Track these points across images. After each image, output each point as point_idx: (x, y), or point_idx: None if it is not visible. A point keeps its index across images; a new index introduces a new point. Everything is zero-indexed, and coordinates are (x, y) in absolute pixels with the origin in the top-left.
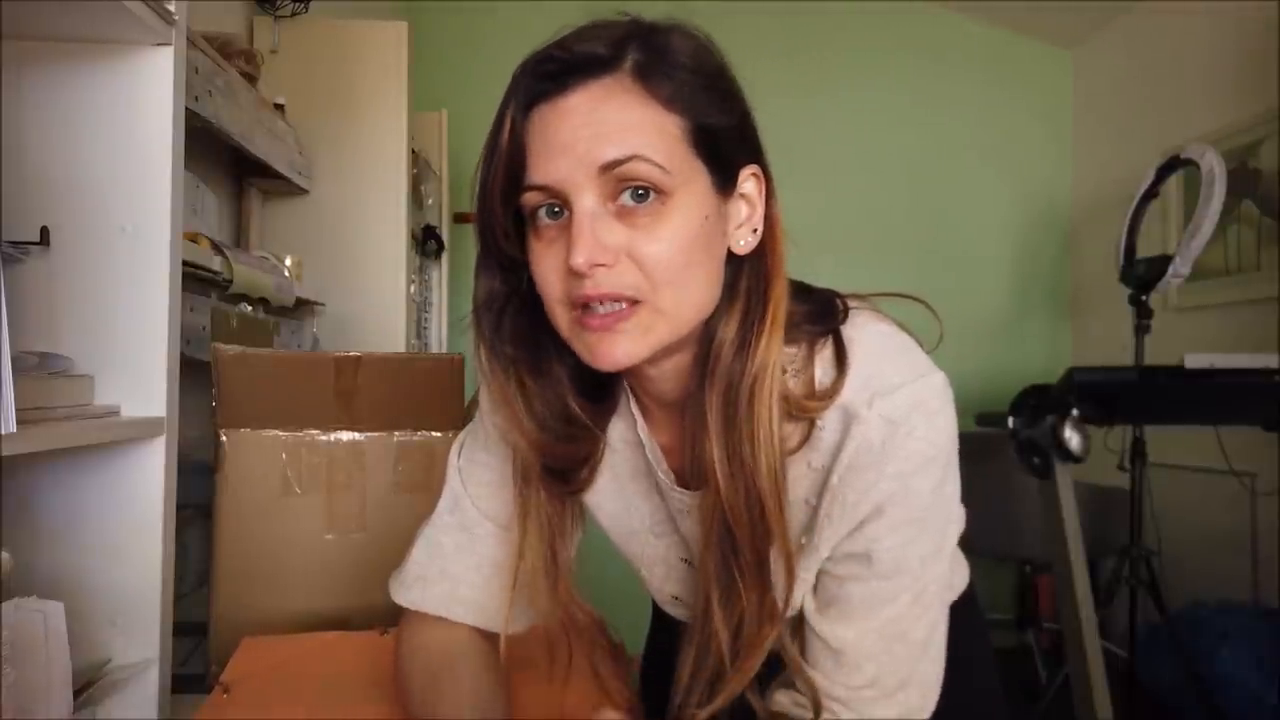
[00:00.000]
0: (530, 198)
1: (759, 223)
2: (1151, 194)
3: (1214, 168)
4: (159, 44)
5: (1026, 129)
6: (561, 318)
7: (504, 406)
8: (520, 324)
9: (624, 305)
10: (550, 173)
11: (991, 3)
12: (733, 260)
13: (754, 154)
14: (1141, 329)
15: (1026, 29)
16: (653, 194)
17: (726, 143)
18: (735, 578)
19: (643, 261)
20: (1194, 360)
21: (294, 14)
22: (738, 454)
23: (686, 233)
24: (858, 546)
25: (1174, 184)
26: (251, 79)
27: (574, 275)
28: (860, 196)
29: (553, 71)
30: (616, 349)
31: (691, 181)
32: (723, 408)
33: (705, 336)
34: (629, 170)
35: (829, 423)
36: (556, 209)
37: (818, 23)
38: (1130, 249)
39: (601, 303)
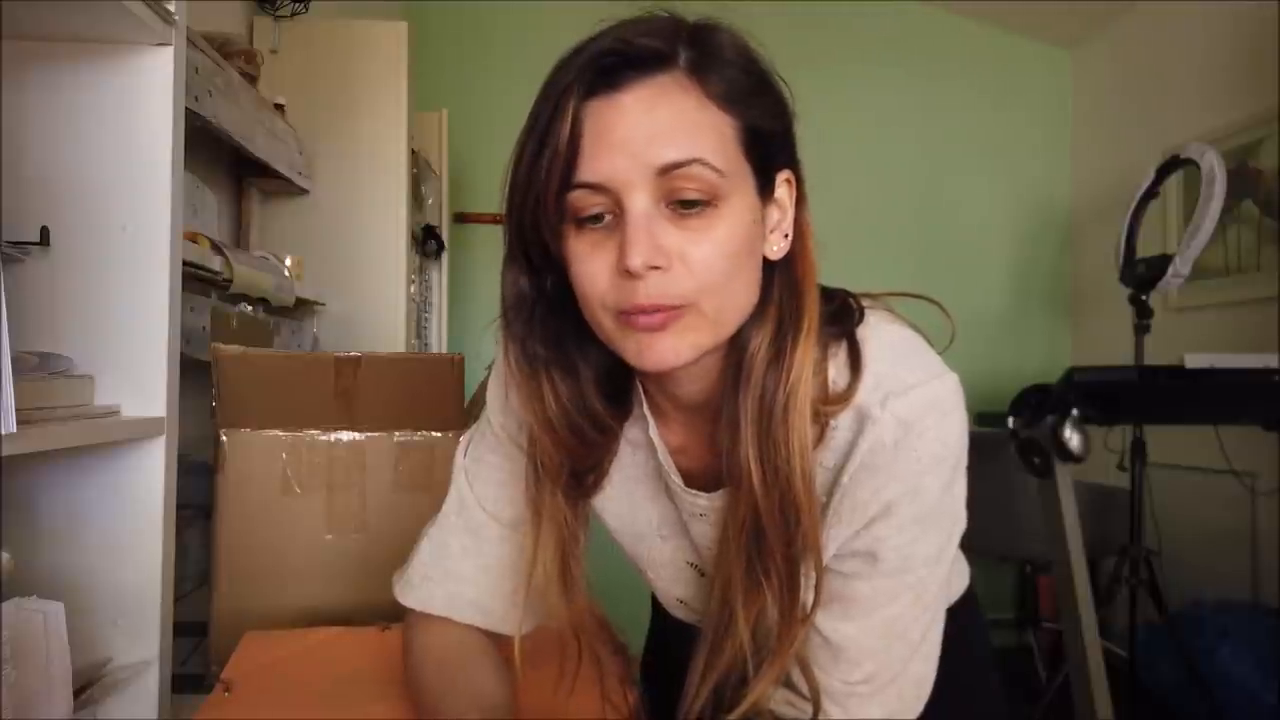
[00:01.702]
0: (578, 197)
1: (789, 228)
2: (1151, 194)
3: (1214, 168)
4: (159, 44)
5: (1026, 129)
6: (605, 321)
7: (534, 406)
8: (549, 324)
9: (671, 310)
10: (603, 171)
11: (991, 3)
12: (764, 265)
13: (791, 159)
14: (1141, 329)
15: (1026, 29)
16: (706, 197)
17: (771, 146)
18: (761, 579)
19: (693, 265)
20: (1194, 360)
21: (294, 14)
22: (773, 461)
23: (736, 237)
24: (864, 545)
25: (1174, 184)
26: (251, 79)
27: (625, 278)
28: (860, 196)
29: (611, 65)
30: (666, 350)
31: (742, 184)
32: (758, 416)
33: (737, 342)
34: (688, 173)
35: (842, 423)
36: (598, 212)
37: (817, 23)
38: (1130, 249)
39: (651, 310)
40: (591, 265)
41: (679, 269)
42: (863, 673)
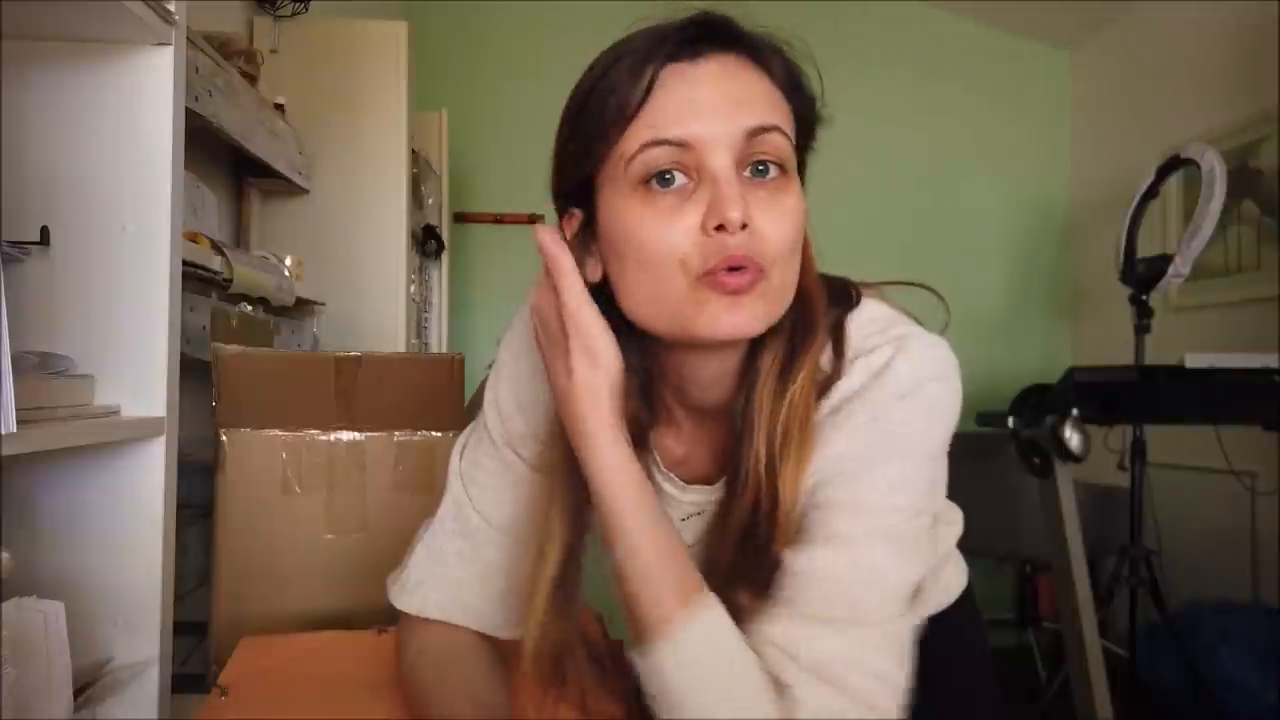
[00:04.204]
0: (655, 155)
1: None
2: (1151, 194)
3: (1214, 167)
4: (159, 44)
5: (1026, 129)
6: (677, 288)
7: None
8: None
9: (755, 272)
10: (690, 129)
11: (991, 3)
12: None
13: (803, 163)
14: (1141, 329)
15: (1025, 30)
16: (775, 169)
17: (805, 140)
18: (739, 574)
19: (766, 234)
20: (1194, 360)
21: (294, 14)
22: (774, 466)
23: (801, 211)
24: (826, 471)
25: (1174, 184)
26: (251, 79)
27: (715, 235)
28: (860, 196)
29: (691, 36)
30: (742, 317)
31: (795, 168)
32: (769, 421)
33: (753, 348)
34: (769, 140)
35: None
36: (668, 176)
37: (817, 23)
38: (1130, 249)
39: (738, 267)
40: (672, 229)
41: (758, 233)
42: (829, 609)
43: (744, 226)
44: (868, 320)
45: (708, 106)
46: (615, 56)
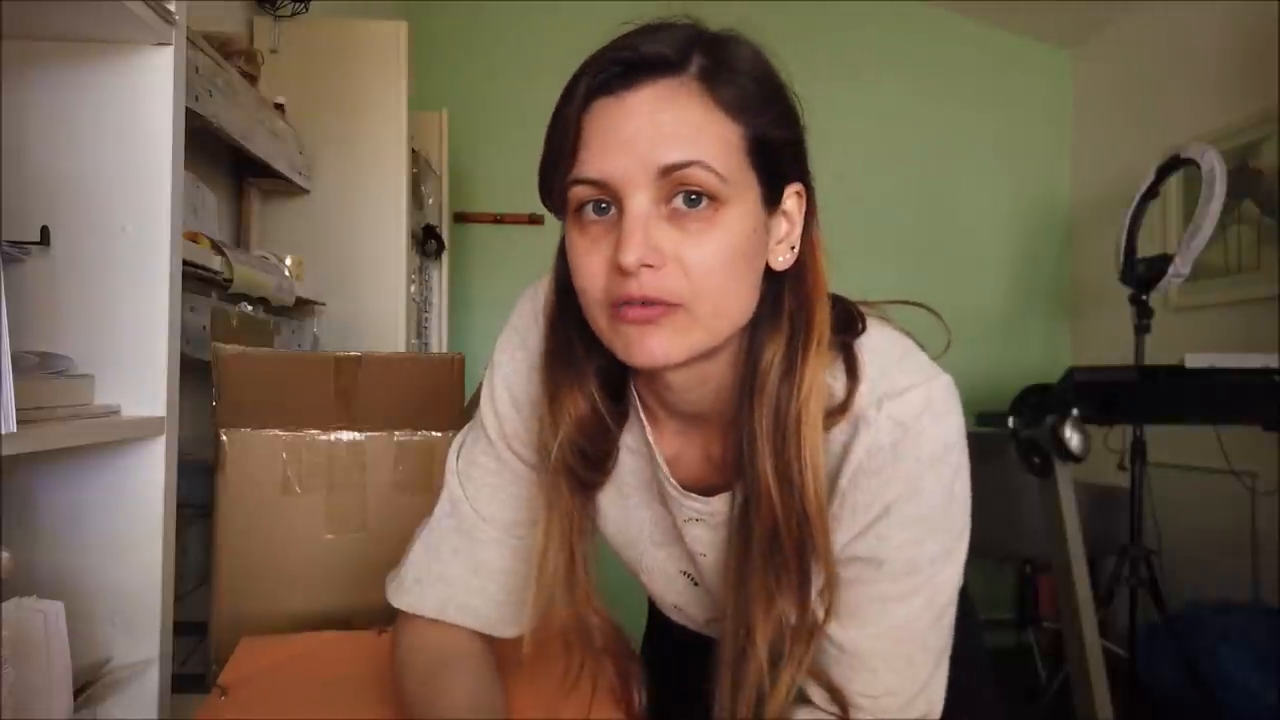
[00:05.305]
0: (580, 192)
1: (796, 241)
2: (1151, 193)
3: (1214, 167)
4: (159, 44)
5: (1027, 129)
6: (599, 315)
7: (551, 395)
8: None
9: (663, 306)
10: (606, 168)
11: (992, 3)
12: (773, 277)
13: (802, 172)
14: (1141, 329)
15: (1026, 29)
16: (706, 200)
17: (780, 157)
18: (774, 590)
19: (689, 267)
20: (1194, 360)
21: (294, 14)
22: (787, 473)
23: (734, 243)
24: (867, 548)
25: (1174, 184)
26: (251, 79)
27: (619, 274)
28: (860, 196)
29: (619, 69)
30: (655, 346)
31: (745, 192)
32: (773, 429)
33: (748, 356)
34: (688, 175)
35: (836, 427)
36: (603, 205)
37: (817, 22)
38: (1130, 249)
39: (642, 303)
40: (591, 260)
41: (673, 269)
42: (883, 684)
43: (650, 265)
44: (878, 343)
45: (627, 144)
46: (568, 86)
